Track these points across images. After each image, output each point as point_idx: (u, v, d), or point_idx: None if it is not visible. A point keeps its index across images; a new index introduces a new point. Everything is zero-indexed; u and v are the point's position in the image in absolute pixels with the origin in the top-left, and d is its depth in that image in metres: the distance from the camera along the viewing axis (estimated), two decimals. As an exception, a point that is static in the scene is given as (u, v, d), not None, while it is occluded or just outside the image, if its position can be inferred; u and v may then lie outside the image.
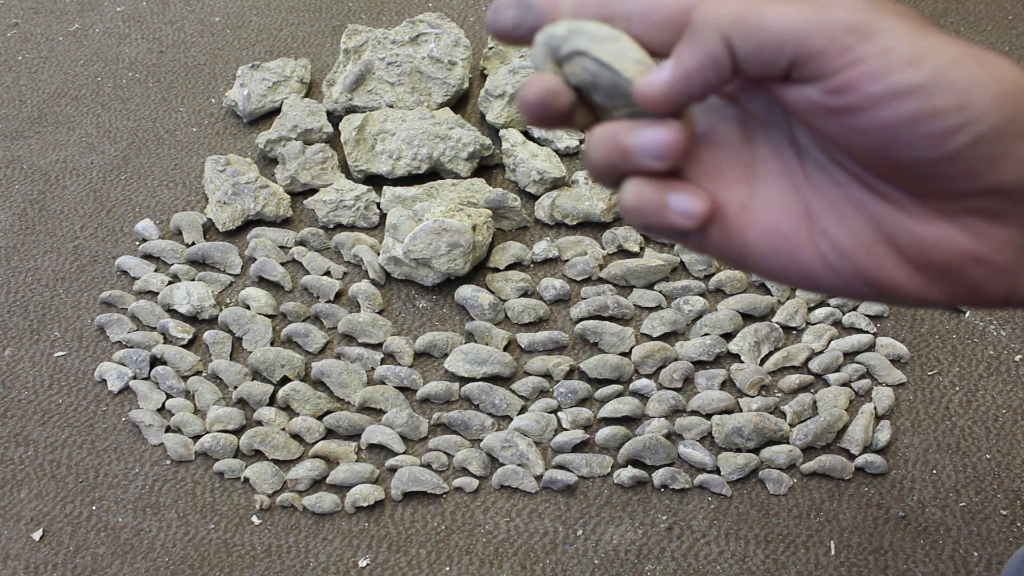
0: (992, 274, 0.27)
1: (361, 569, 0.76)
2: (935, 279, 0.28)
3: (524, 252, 0.96)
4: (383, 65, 1.10)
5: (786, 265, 0.29)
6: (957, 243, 0.27)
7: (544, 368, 0.86)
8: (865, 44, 0.25)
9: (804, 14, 0.25)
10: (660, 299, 0.91)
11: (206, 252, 0.97)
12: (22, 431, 0.86)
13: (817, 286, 0.30)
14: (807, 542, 0.76)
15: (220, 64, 1.21)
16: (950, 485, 0.78)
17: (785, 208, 0.29)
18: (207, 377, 0.88)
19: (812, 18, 0.25)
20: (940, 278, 0.28)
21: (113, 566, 0.77)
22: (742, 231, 0.30)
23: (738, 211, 0.30)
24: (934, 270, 0.28)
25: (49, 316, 0.94)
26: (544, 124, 0.30)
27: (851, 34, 0.25)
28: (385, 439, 0.83)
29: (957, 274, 0.27)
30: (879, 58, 0.25)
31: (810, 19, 0.25)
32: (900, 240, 0.28)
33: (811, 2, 0.25)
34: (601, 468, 0.80)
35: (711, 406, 0.83)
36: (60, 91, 1.19)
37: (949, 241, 0.27)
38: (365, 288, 0.92)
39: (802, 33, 0.25)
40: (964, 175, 0.25)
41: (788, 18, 0.25)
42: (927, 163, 0.25)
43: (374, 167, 1.03)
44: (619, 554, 0.76)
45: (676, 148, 0.28)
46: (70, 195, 1.06)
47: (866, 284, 0.29)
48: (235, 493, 0.81)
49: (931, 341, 0.88)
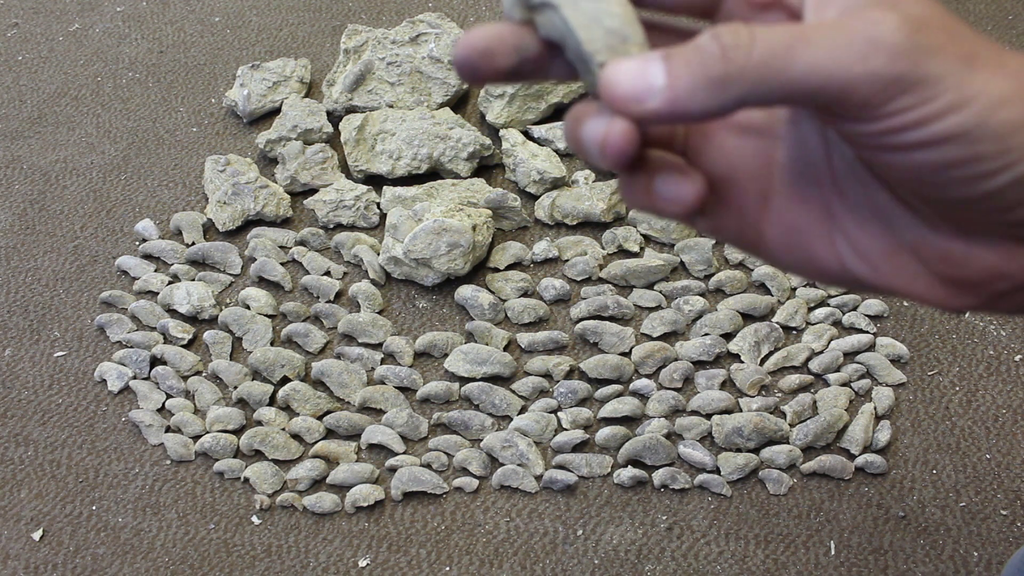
0: (1017, 288, 0.26)
1: (361, 569, 0.76)
2: (957, 290, 0.27)
3: (524, 252, 0.96)
4: (383, 65, 1.10)
5: (801, 260, 0.28)
6: (984, 260, 0.26)
7: (544, 368, 0.86)
8: (907, 95, 0.23)
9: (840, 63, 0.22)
10: (660, 299, 0.91)
11: (206, 252, 0.97)
12: (22, 431, 0.86)
13: (832, 281, 0.29)
14: (807, 542, 0.76)
15: (220, 64, 1.21)
16: (950, 485, 0.78)
17: (806, 204, 0.28)
18: (207, 377, 0.88)
19: (851, 70, 0.22)
20: (963, 290, 0.27)
21: (113, 566, 0.77)
22: (759, 223, 0.28)
23: (757, 202, 0.28)
24: (957, 282, 0.27)
25: (49, 316, 0.94)
26: (478, 82, 0.27)
27: (893, 86, 0.22)
28: (385, 439, 0.83)
29: (981, 288, 0.27)
30: (921, 107, 0.23)
31: (848, 71, 0.22)
32: (924, 252, 0.27)
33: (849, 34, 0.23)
34: (601, 468, 0.80)
35: (711, 406, 0.83)
36: (60, 91, 1.19)
37: (976, 258, 0.26)
38: (365, 288, 0.92)
39: (839, 87, 0.22)
40: (999, 210, 0.24)
41: (823, 69, 0.22)
42: (962, 200, 0.24)
43: (374, 167, 1.03)
44: (619, 554, 0.76)
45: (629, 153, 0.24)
46: (70, 195, 1.06)
47: (883, 287, 0.28)
48: (235, 493, 0.81)
49: (931, 341, 0.88)
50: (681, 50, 0.23)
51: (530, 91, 1.06)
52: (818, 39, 0.23)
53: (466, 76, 0.26)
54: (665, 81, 0.23)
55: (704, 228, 0.29)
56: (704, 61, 0.23)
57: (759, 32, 0.23)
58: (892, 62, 0.22)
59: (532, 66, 0.26)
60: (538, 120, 1.07)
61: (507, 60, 0.26)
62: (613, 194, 0.97)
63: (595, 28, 0.24)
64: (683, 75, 0.23)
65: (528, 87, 1.05)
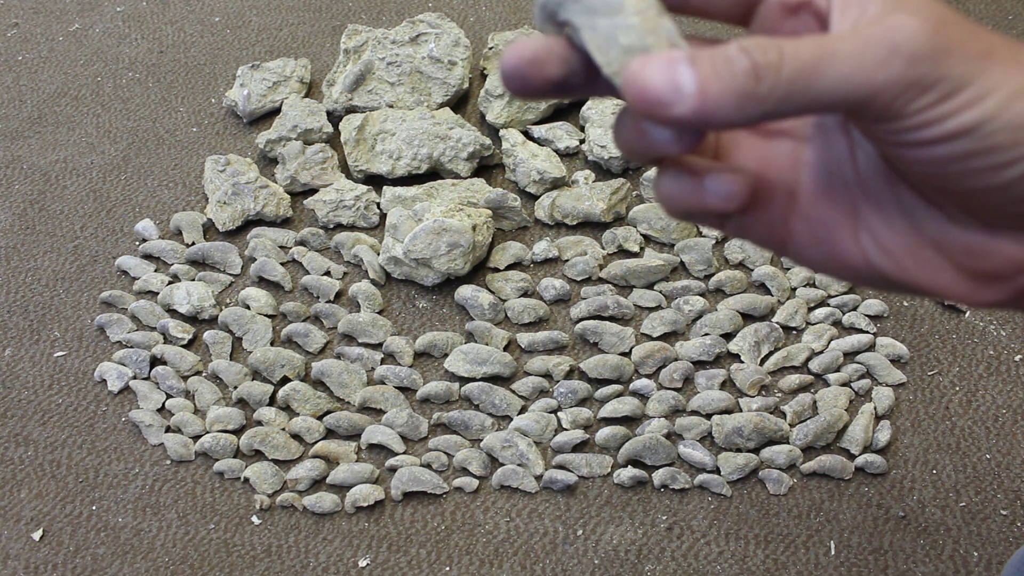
0: None
1: (361, 569, 0.76)
2: (982, 284, 0.27)
3: (524, 252, 0.96)
4: (383, 65, 1.10)
5: (827, 257, 0.29)
6: (1008, 253, 0.26)
7: (544, 368, 0.86)
8: (927, 95, 0.23)
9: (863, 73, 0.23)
10: (660, 299, 0.91)
11: (206, 252, 0.97)
12: (22, 431, 0.86)
13: (857, 278, 0.29)
14: (807, 542, 0.76)
15: (220, 64, 1.21)
16: (950, 485, 0.78)
17: (832, 202, 0.28)
18: (207, 377, 0.88)
19: (874, 78, 0.23)
20: (987, 284, 0.27)
21: (113, 566, 0.77)
22: (786, 222, 0.29)
23: (784, 201, 0.29)
24: (982, 276, 0.27)
25: (49, 316, 0.94)
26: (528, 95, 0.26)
27: (913, 88, 0.23)
28: (385, 439, 0.83)
29: (1006, 281, 0.27)
30: (940, 105, 0.24)
31: (872, 79, 0.23)
32: (949, 246, 0.27)
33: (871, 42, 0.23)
34: (601, 468, 0.80)
35: (711, 406, 0.83)
36: (60, 91, 1.19)
37: (1000, 251, 0.27)
38: (365, 288, 0.92)
39: (864, 95, 0.23)
40: (1017, 201, 0.25)
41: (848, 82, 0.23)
42: (979, 191, 0.25)
43: (374, 167, 1.03)
44: (619, 554, 0.76)
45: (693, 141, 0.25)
46: (70, 195, 1.06)
47: (909, 283, 0.28)
48: (235, 493, 0.81)
49: (931, 341, 0.88)
50: (707, 56, 0.23)
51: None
52: (842, 51, 0.23)
53: (515, 87, 0.25)
54: (695, 88, 0.22)
55: (732, 229, 0.29)
56: (734, 74, 0.22)
57: (787, 48, 0.23)
58: (913, 66, 0.23)
59: (579, 79, 0.26)
60: (538, 120, 1.07)
61: (556, 70, 0.25)
62: (613, 194, 0.97)
63: (611, 49, 0.23)
64: (713, 85, 0.22)
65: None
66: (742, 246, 0.94)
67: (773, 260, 0.94)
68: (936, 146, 0.24)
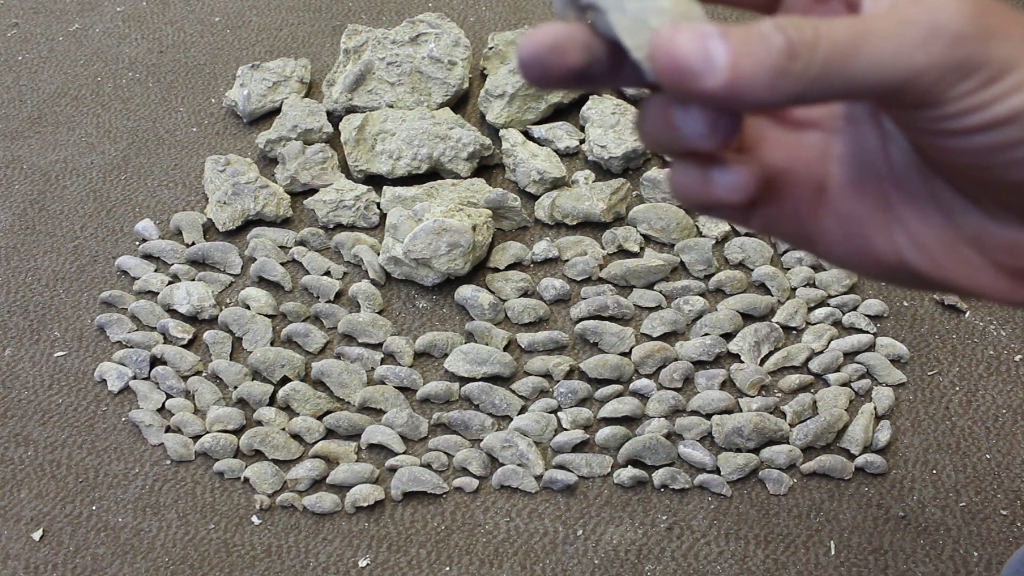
0: None
1: (361, 569, 0.76)
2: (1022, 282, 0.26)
3: (524, 252, 0.96)
4: (383, 65, 1.10)
5: (858, 254, 0.28)
6: None
7: (544, 368, 0.86)
8: (969, 79, 0.22)
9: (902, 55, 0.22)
10: (660, 299, 0.91)
11: (206, 252, 0.97)
12: (22, 431, 0.86)
13: (888, 277, 0.28)
14: (807, 542, 0.76)
15: (220, 64, 1.21)
16: (950, 485, 0.78)
17: (864, 196, 0.27)
18: (207, 377, 0.88)
19: (914, 60, 0.22)
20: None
21: (113, 566, 0.77)
22: (814, 217, 0.28)
23: (812, 195, 0.27)
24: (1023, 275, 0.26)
25: (49, 316, 0.94)
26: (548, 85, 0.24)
27: (955, 72, 0.22)
28: (385, 439, 0.83)
29: None
30: (983, 91, 0.22)
31: (911, 62, 0.22)
32: (986, 243, 0.26)
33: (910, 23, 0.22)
34: (601, 468, 0.80)
35: (711, 406, 0.83)
36: (60, 91, 1.19)
37: None
38: (365, 288, 0.92)
39: (903, 79, 0.22)
40: None
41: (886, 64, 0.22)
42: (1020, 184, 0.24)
43: (374, 167, 1.03)
44: (619, 554, 0.76)
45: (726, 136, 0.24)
46: (70, 195, 1.06)
47: (945, 282, 0.27)
48: (235, 493, 0.81)
49: (931, 341, 0.88)
50: (741, 32, 0.21)
51: (530, 91, 1.06)
52: (880, 31, 0.22)
53: (533, 76, 0.24)
54: (727, 61, 0.21)
55: (758, 224, 0.28)
56: (769, 51, 0.21)
57: (823, 28, 0.22)
58: (955, 48, 0.22)
59: (602, 67, 0.24)
60: (538, 120, 1.07)
61: (578, 57, 0.23)
62: (613, 194, 0.97)
63: (641, 32, 0.22)
64: (746, 60, 0.21)
65: (528, 87, 1.05)
66: (742, 246, 0.94)
67: (773, 260, 0.94)
68: (978, 135, 0.23)
